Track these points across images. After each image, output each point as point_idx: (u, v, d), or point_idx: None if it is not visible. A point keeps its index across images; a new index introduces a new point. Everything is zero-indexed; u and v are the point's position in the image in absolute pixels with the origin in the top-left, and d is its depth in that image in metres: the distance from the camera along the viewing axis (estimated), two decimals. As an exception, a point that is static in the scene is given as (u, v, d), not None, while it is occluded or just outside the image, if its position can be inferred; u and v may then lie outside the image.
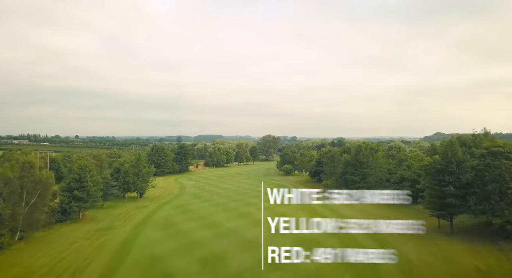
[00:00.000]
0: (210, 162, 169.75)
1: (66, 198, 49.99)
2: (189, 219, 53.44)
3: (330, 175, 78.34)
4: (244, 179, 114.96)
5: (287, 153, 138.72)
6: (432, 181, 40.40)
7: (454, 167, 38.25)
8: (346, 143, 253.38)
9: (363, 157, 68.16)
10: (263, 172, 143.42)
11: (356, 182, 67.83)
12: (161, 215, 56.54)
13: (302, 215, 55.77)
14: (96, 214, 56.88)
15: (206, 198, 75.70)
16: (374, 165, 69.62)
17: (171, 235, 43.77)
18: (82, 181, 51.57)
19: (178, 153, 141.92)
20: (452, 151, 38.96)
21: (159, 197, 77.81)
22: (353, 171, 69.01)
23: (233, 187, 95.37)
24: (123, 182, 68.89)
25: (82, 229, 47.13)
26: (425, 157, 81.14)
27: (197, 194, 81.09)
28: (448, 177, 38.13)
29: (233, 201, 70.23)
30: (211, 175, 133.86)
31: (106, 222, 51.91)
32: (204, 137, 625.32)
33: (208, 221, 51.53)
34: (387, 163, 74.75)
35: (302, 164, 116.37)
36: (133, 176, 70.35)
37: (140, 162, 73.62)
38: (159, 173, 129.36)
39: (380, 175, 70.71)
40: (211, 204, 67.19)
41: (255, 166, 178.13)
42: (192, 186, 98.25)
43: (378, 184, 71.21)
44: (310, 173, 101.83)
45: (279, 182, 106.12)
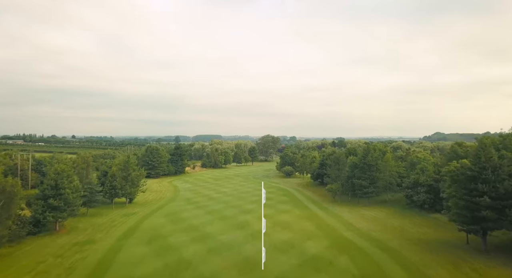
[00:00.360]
0: (208, 163, 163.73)
1: (40, 207, 43.98)
2: (180, 230, 47.52)
3: (335, 179, 72.46)
4: (242, 182, 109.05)
5: (287, 154, 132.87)
6: (461, 190, 34.45)
7: (489, 173, 32.37)
8: (347, 143, 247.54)
9: (372, 159, 62.31)
10: (262, 173, 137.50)
11: (364, 186, 61.98)
12: (149, 225, 50.58)
13: (309, 226, 50.11)
14: (76, 224, 50.94)
15: (201, 203, 69.80)
16: (384, 168, 63.80)
17: (157, 251, 37.82)
18: (58, 187, 45.56)
19: (174, 154, 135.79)
20: (486, 155, 33.04)
21: (150, 202, 71.87)
22: (360, 174, 63.17)
23: (230, 190, 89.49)
24: (109, 186, 62.88)
25: (56, 243, 41.17)
26: (438, 159, 75.55)
27: (191, 199, 75.13)
28: (482, 186, 32.22)
29: (230, 207, 64.34)
30: (208, 176, 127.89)
31: (86, 233, 45.98)
32: (203, 137, 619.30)
33: (201, 233, 45.63)
34: (397, 165, 68.92)
35: (303, 166, 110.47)
36: (121, 180, 64.38)
37: (129, 165, 67.61)
38: (154, 175, 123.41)
39: (390, 179, 64.91)
40: (205, 211, 61.28)
41: (254, 167, 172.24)
42: (187, 190, 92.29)
43: (388, 188, 65.38)
44: (312, 175, 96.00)
45: (279, 184, 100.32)
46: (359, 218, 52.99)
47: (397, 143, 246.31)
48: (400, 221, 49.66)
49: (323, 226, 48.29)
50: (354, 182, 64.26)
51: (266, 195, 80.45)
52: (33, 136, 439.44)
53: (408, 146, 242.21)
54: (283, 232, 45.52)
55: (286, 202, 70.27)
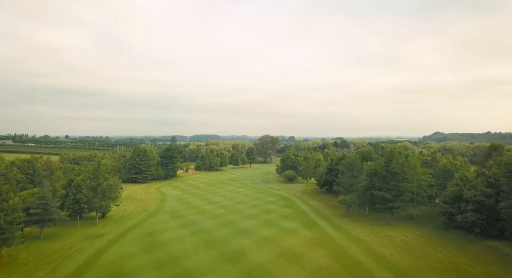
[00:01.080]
0: (202, 166, 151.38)
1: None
2: (153, 264, 35.54)
3: (349, 188, 60.65)
4: (239, 188, 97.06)
5: (288, 156, 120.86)
6: None
7: None
8: (349, 143, 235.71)
9: (397, 166, 50.43)
10: (261, 177, 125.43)
11: (388, 200, 50.08)
12: (113, 255, 38.50)
13: (324, 257, 37.73)
14: (18, 253, 38.91)
15: (188, 218, 57.83)
16: (411, 176, 51.90)
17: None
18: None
19: (164, 156, 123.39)
20: None
21: (127, 217, 59.81)
22: (382, 184, 51.35)
23: (224, 199, 77.51)
24: (72, 200, 50.80)
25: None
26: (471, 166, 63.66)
27: (176, 212, 63.10)
28: None
29: (222, 225, 52.33)
30: (201, 181, 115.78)
31: (24, 271, 33.96)
32: (201, 137, 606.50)
33: (181, 270, 33.70)
34: (424, 172, 57.08)
35: (307, 170, 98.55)
36: (87, 192, 52.25)
37: (99, 172, 55.45)
38: (141, 180, 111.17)
39: (418, 190, 53.09)
40: (191, 231, 49.29)
41: (252, 169, 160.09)
42: (175, 198, 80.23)
43: (416, 201, 53.55)
44: (319, 181, 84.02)
45: (280, 191, 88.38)
46: (388, 243, 41.10)
47: (402, 142, 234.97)
48: (446, 251, 37.68)
49: (343, 258, 36.36)
50: (374, 194, 52.44)
51: (266, 206, 68.23)
52: (24, 137, 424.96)
53: (412, 145, 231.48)
54: (292, 269, 33.58)
55: (290, 216, 58.37)
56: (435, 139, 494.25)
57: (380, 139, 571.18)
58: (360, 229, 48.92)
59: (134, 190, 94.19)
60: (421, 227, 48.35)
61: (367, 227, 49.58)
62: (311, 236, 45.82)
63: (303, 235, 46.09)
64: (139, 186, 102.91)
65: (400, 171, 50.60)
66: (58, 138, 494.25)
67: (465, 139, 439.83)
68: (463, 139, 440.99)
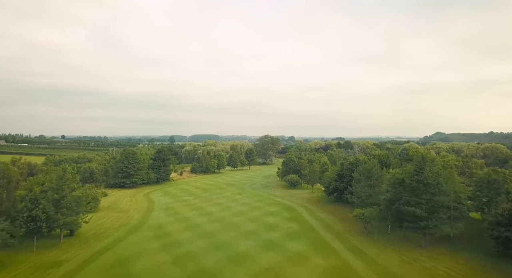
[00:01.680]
0: (198, 168, 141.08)
1: None
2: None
3: (366, 200, 50.68)
4: (236, 194, 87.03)
5: (291, 159, 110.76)
6: None
7: None
8: (353, 144, 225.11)
9: (432, 175, 40.41)
10: (261, 181, 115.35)
11: (421, 217, 40.04)
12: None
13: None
14: None
15: (173, 237, 47.85)
16: (448, 188, 41.80)
17: None
18: None
19: (156, 159, 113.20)
20: None
21: (102, 234, 49.81)
22: (412, 198, 41.33)
23: (219, 209, 67.54)
24: (27, 218, 40.74)
25: None
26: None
27: (161, 229, 53.01)
28: None
29: (214, 248, 42.34)
30: (195, 186, 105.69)
31: None
32: (200, 137, 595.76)
33: None
34: (461, 182, 47.04)
35: (312, 175, 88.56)
36: (48, 206, 42.19)
37: (64, 182, 45.38)
38: (129, 185, 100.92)
39: (459, 206, 43.00)
40: (174, 256, 39.30)
41: (251, 172, 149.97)
42: (163, 208, 70.24)
43: (454, 218, 43.39)
44: (327, 189, 73.94)
45: (283, 199, 78.38)
46: None
47: (409, 143, 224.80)
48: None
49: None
50: (401, 209, 42.40)
51: (267, 218, 57.73)
52: (18, 136, 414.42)
53: (419, 146, 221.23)
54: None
55: (296, 234, 48.40)
56: (436, 139, 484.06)
57: (380, 138, 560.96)
58: (386, 254, 38.93)
59: (120, 197, 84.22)
60: (464, 253, 38.38)
61: (395, 252, 39.59)
62: (325, 265, 35.86)
63: (314, 264, 36.12)
64: (126, 192, 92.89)
65: (435, 181, 40.56)
66: (54, 138, 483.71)
67: (467, 139, 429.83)
68: (465, 139, 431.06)
